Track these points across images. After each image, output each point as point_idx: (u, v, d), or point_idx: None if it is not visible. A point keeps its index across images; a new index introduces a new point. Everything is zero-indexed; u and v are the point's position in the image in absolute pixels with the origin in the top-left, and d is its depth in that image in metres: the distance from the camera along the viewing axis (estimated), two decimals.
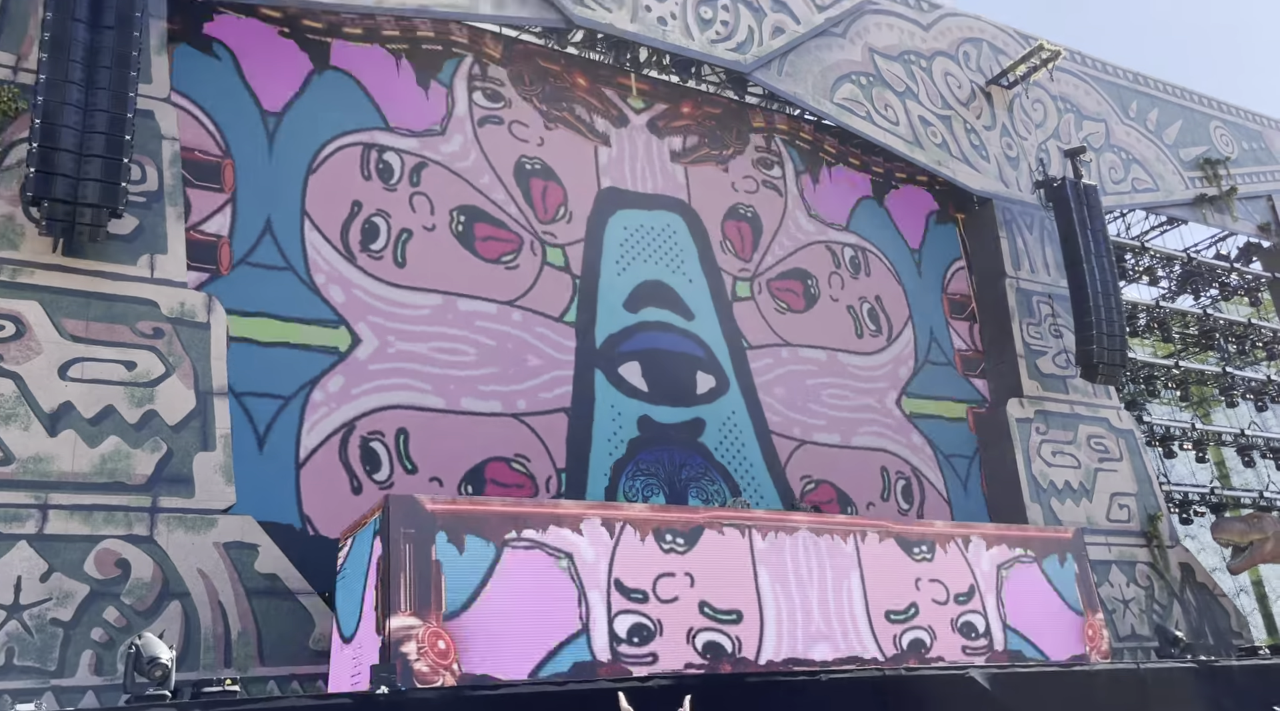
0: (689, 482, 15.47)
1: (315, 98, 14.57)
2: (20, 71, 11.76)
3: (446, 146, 15.49)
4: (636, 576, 10.82)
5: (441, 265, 14.72)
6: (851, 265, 18.99)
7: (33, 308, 11.01)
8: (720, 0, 17.55)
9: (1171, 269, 23.93)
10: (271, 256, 13.47)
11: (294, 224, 13.79)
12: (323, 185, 14.19)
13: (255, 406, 12.71)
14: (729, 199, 18.09)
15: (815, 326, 18.04)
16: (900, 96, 19.44)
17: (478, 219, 15.30)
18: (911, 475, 17.93)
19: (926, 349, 19.14)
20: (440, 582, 9.73)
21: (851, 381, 18.00)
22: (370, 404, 13.57)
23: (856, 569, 12.25)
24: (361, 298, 13.93)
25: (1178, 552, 18.90)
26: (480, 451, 14.09)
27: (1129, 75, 23.79)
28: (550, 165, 16.43)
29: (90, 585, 10.31)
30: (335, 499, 12.77)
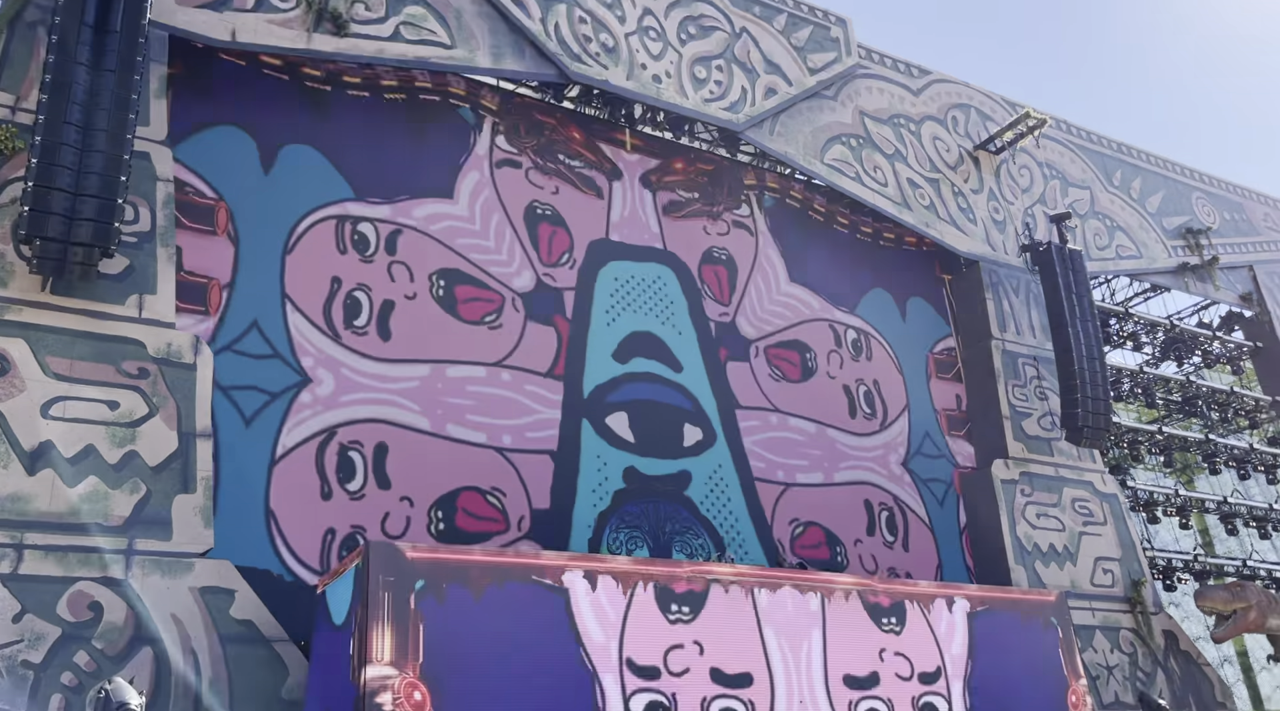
0: (673, 536, 15.39)
1: (283, 175, 14.38)
2: (18, 111, 11.86)
3: (420, 210, 15.39)
4: (648, 652, 10.70)
5: (426, 333, 14.63)
6: (854, 347, 19.14)
7: (18, 345, 10.97)
8: (714, 60, 17.90)
9: (1155, 335, 24.17)
10: (258, 345, 13.32)
11: (276, 309, 13.61)
12: (300, 265, 14.00)
13: (243, 399, 12.82)
14: (704, 245, 18.28)
15: (808, 399, 18.10)
16: (889, 158, 19.76)
17: (457, 281, 15.23)
18: (894, 505, 18.08)
19: (920, 442, 19.15)
20: (419, 632, 9.62)
21: (838, 457, 18.06)
22: (356, 413, 13.61)
23: (819, 629, 12.15)
24: (350, 377, 13.87)
25: (1161, 619, 18.82)
26: (457, 479, 14.04)
27: (1113, 145, 24.25)
28: (561, 213, 16.76)
29: (62, 627, 10.13)
30: (304, 500, 12.78)
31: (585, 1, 16.76)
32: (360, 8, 14.63)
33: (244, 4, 13.78)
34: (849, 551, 17.14)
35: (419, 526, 13.46)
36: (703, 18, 18.13)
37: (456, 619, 9.91)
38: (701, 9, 18.19)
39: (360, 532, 13.01)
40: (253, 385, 13.01)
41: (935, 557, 18.21)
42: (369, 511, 13.24)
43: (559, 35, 16.19)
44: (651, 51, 17.23)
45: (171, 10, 13.16)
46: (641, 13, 17.40)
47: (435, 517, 13.60)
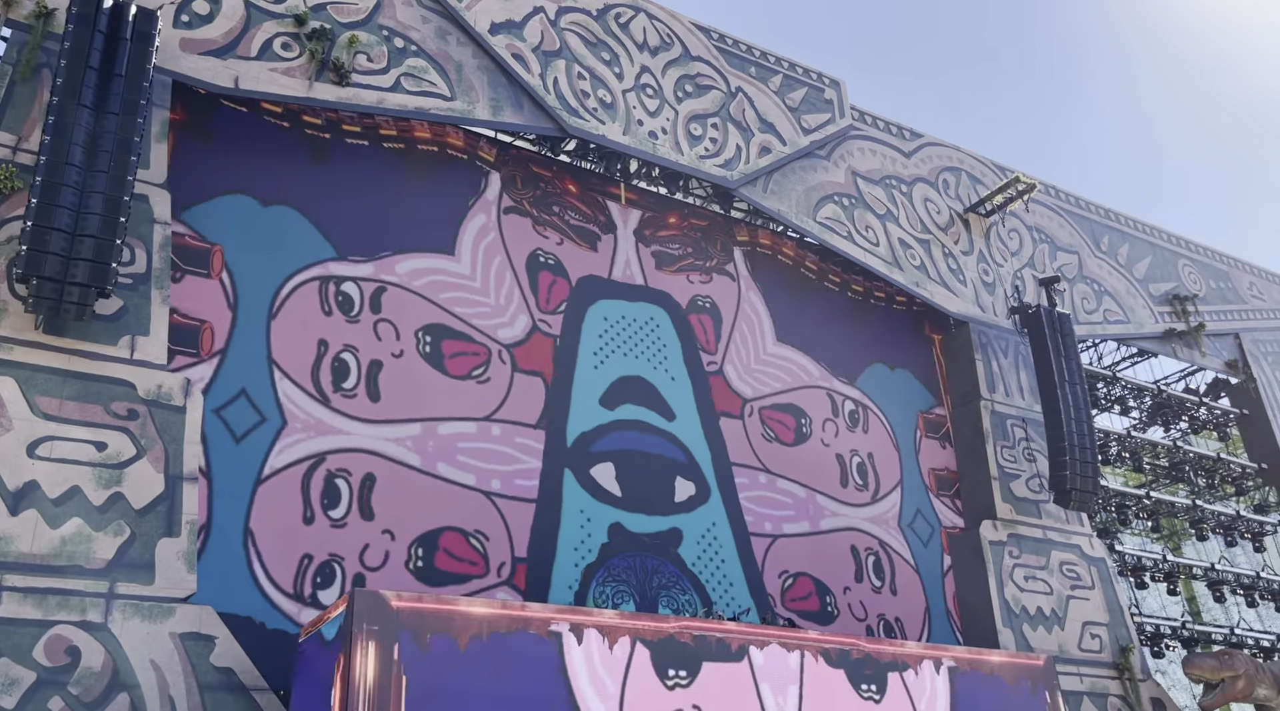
0: (660, 590, 15.23)
1: (266, 237, 14.27)
2: (19, 152, 11.94)
3: (403, 265, 15.34)
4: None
5: (415, 391, 14.56)
6: (850, 418, 19.19)
7: (7, 384, 10.92)
8: (710, 118, 18.19)
9: (1142, 400, 24.31)
10: (247, 416, 13.19)
11: (264, 376, 13.49)
12: (285, 329, 13.90)
13: (234, 416, 12.83)
14: (690, 291, 18.33)
15: (800, 463, 18.06)
16: (881, 219, 20.01)
17: (443, 336, 15.19)
18: (879, 549, 18.01)
19: (911, 518, 19.12)
20: (401, 683, 9.47)
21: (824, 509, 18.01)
22: (347, 442, 13.56)
23: (796, 685, 12.00)
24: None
25: (1149, 687, 18.66)
26: (442, 518, 13.94)
27: (1100, 210, 24.63)
28: (564, 263, 16.88)
29: (38, 672, 9.94)
30: (285, 523, 12.68)
31: (584, 58, 17.07)
32: (362, 58, 14.86)
33: (248, 52, 13.98)
34: (838, 600, 17.04)
35: (397, 561, 13.34)
36: (699, 76, 18.46)
37: (440, 669, 9.76)
38: (698, 68, 18.53)
39: (338, 561, 12.90)
40: (246, 406, 13.06)
41: (923, 600, 18.14)
42: (349, 541, 13.12)
43: (558, 90, 16.45)
44: (648, 108, 17.51)
45: (176, 56, 13.34)
46: (639, 70, 17.71)
47: (415, 554, 13.49)
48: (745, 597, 15.89)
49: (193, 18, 13.70)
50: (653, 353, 16.89)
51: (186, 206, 13.62)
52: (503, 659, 10.17)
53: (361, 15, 15.15)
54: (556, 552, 14.60)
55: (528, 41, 16.50)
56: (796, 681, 12.00)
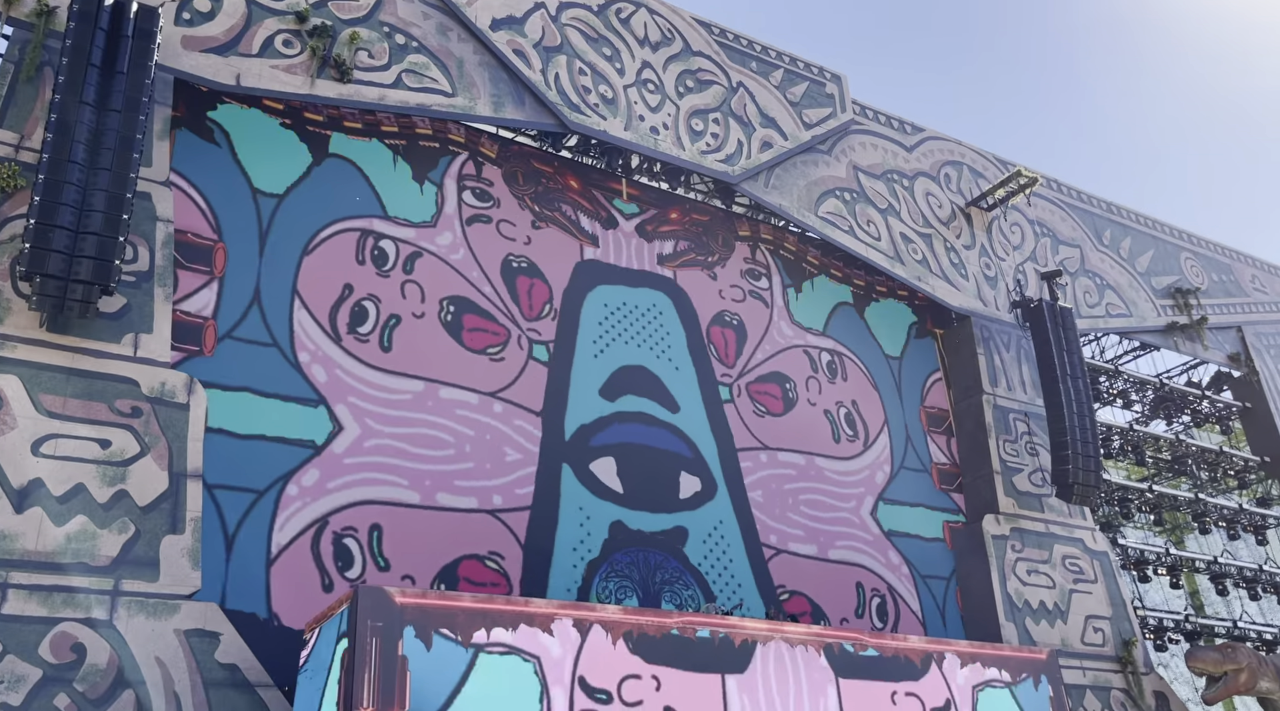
0: (663, 586, 15.24)
1: (318, 182, 14.81)
2: (22, 150, 11.95)
3: (442, 238, 15.72)
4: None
5: (427, 352, 14.76)
6: (829, 370, 19.17)
7: (11, 382, 10.95)
8: (711, 113, 18.18)
9: (1144, 393, 24.30)
10: (257, 332, 13.51)
11: (284, 302, 13.86)
12: (316, 266, 14.33)
13: (226, 500, 12.47)
14: (716, 305, 18.27)
15: (793, 430, 18.09)
16: (883, 213, 20.00)
17: (467, 310, 15.39)
18: (887, 593, 17.72)
19: (903, 454, 19.20)
20: (405, 679, 9.50)
21: (829, 486, 17.98)
22: (344, 499, 13.38)
23: (833, 684, 12.04)
24: (343, 378, 13.93)
25: (1152, 680, 18.69)
26: (454, 548, 13.88)
27: (1103, 204, 24.61)
28: (537, 263, 16.55)
29: (44, 669, 9.98)
30: (306, 596, 12.50)
31: (585, 53, 17.06)
32: (364, 55, 14.86)
33: (249, 49, 13.98)
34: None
35: None
36: (700, 72, 18.45)
37: (444, 665, 9.79)
38: (699, 63, 18.52)
39: None
40: (238, 485, 12.61)
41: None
42: None
43: (559, 86, 16.45)
44: (650, 103, 17.50)
45: (177, 53, 13.35)
46: (641, 65, 17.70)
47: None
48: (755, 601, 15.77)
49: (194, 15, 13.70)
50: (655, 340, 16.60)
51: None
52: (506, 654, 10.19)
53: (363, 12, 15.14)
54: (554, 552, 14.44)
55: (529, 37, 16.49)
56: (800, 678, 12.03)
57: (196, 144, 14.04)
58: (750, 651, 11.75)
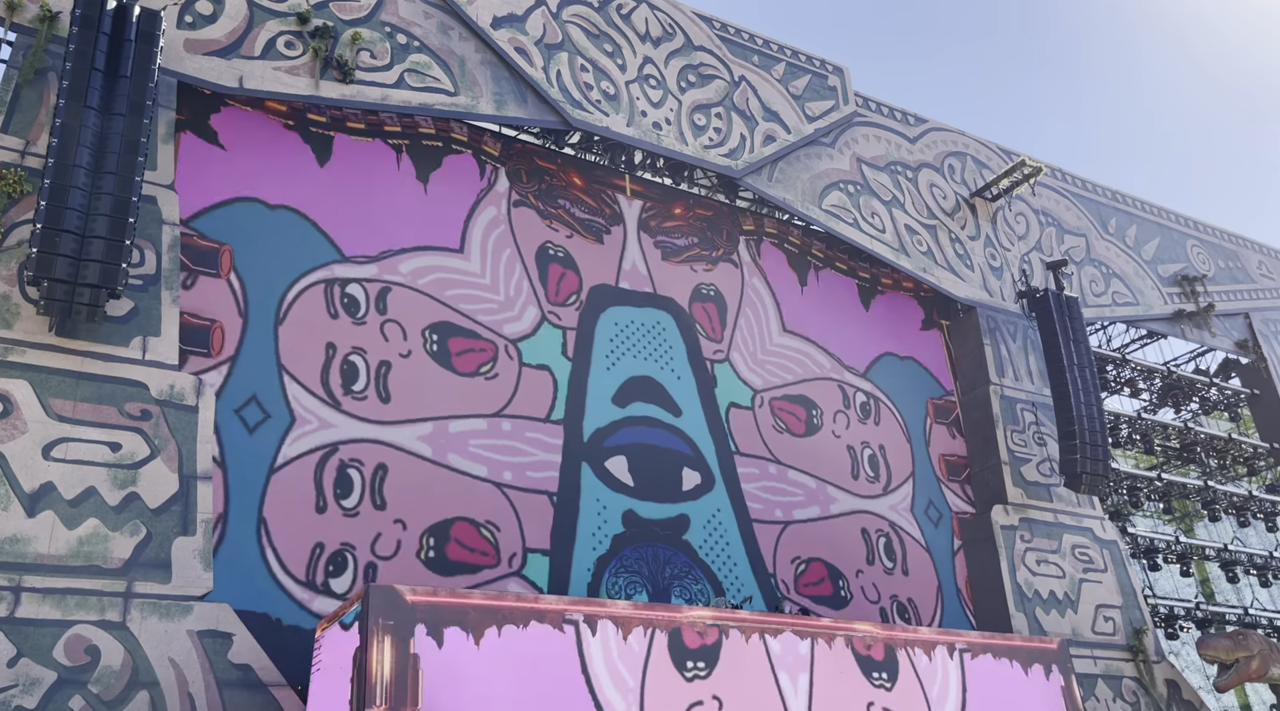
0: (672, 581, 15.31)
1: (271, 240, 14.23)
2: (27, 155, 12.00)
3: (406, 264, 15.28)
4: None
5: (425, 390, 14.58)
6: (862, 410, 19.18)
7: (21, 386, 11.00)
8: (714, 108, 18.16)
9: (1152, 382, 24.25)
10: (255, 416, 13.23)
11: (273, 381, 13.48)
12: (294, 333, 13.88)
13: (249, 410, 12.98)
14: (694, 279, 18.36)
15: (810, 454, 18.07)
16: (887, 205, 19.98)
17: (450, 334, 15.19)
18: (890, 530, 18.14)
19: (924, 508, 19.10)
20: (418, 676, 9.52)
21: (833, 508, 18.02)
22: (359, 432, 13.67)
23: (808, 673, 12.03)
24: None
25: (1164, 668, 18.68)
26: (453, 508, 14.06)
27: (1107, 193, 24.54)
28: (574, 256, 17.02)
29: (58, 672, 10.04)
30: (297, 510, 12.80)
31: (587, 50, 17.06)
32: (366, 55, 14.88)
33: (251, 52, 14.01)
34: (851, 583, 17.16)
35: (409, 550, 13.44)
36: (702, 66, 18.44)
37: (456, 662, 9.82)
38: (701, 58, 18.51)
39: (350, 550, 12.99)
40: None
41: (935, 579, 18.22)
42: (361, 530, 13.21)
43: (561, 83, 16.45)
44: (652, 99, 17.49)
45: (180, 57, 13.38)
46: (642, 61, 17.70)
47: (426, 543, 13.58)
48: (749, 579, 16.15)
49: (196, 18, 13.73)
50: (660, 354, 17.27)
51: (194, 215, 13.64)
52: (517, 651, 10.23)
53: (364, 12, 15.16)
54: (575, 544, 14.90)
55: (530, 35, 16.50)
56: (808, 669, 12.04)
57: (200, 147, 14.07)
58: (760, 644, 11.75)
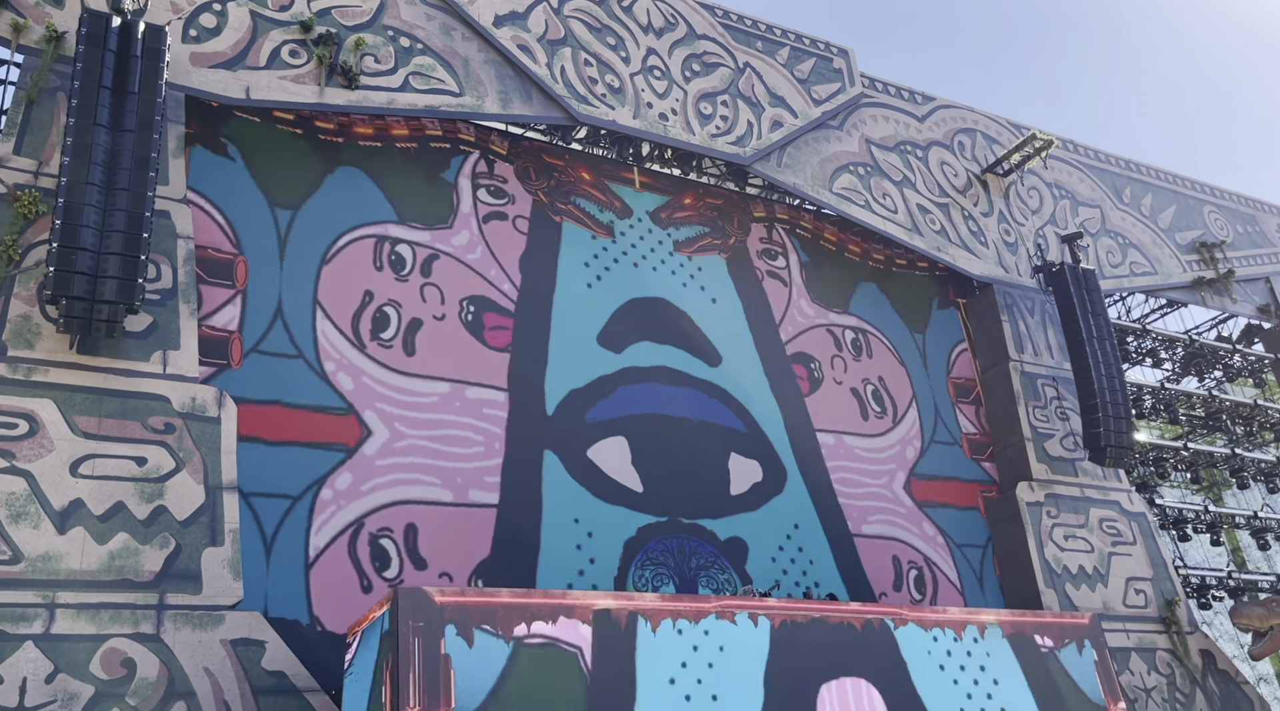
0: (699, 571, 15.24)
1: (331, 193, 14.85)
2: (41, 176, 12.10)
3: (457, 239, 15.75)
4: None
5: (450, 354, 14.80)
6: (853, 347, 19.08)
7: (46, 406, 11.11)
8: (719, 96, 18.10)
9: (1174, 351, 24.05)
10: (282, 344, 13.62)
11: (306, 313, 13.96)
12: (336, 276, 14.41)
13: (263, 507, 12.61)
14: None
15: (821, 410, 18.01)
16: (898, 185, 19.87)
17: (487, 309, 15.44)
18: (924, 565, 17.65)
19: (932, 429, 19.11)
20: (449, 677, 9.58)
21: (860, 464, 17.92)
22: (379, 500, 13.47)
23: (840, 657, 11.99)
24: (370, 385, 14.03)
25: (1197, 638, 18.56)
26: (490, 544, 13.94)
27: (1121, 162, 24.32)
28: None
29: (96, 686, 10.16)
30: (346, 598, 12.63)
31: (589, 44, 17.03)
32: (370, 60, 14.91)
33: (256, 62, 14.06)
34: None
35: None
36: (706, 54, 18.37)
37: (487, 661, 9.87)
38: (704, 46, 18.44)
39: None
40: (273, 492, 12.77)
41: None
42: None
43: (565, 78, 16.44)
44: (657, 90, 17.45)
45: (187, 71, 13.44)
46: (645, 53, 17.65)
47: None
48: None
49: (200, 31, 13.79)
50: (680, 262, 14.45)
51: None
52: (548, 647, 10.26)
53: (366, 17, 15.19)
54: (535, 585, 13.12)
55: (532, 32, 16.48)
56: (841, 652, 12.03)
57: (211, 160, 14.16)
58: (786, 630, 11.76)
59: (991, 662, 13.07)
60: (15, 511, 10.51)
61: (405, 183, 15.63)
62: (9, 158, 12.03)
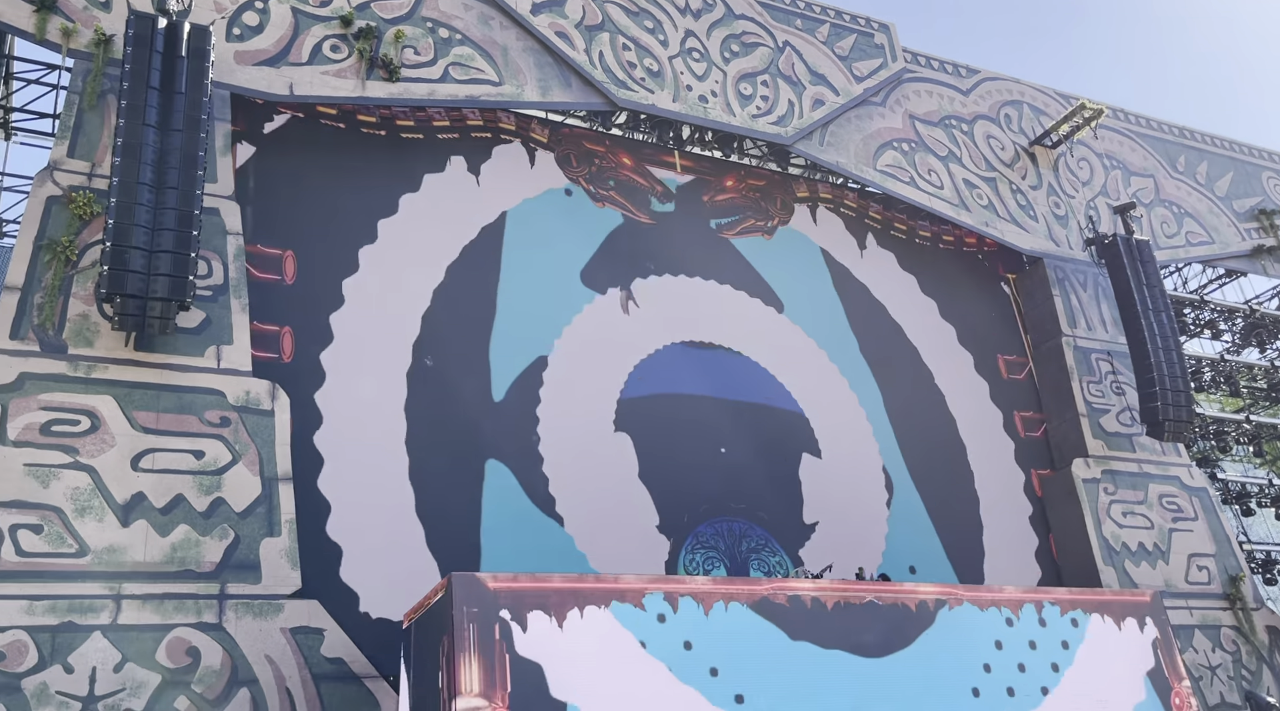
0: (750, 554, 15.23)
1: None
2: (94, 177, 12.35)
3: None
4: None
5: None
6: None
7: (107, 402, 11.38)
8: (759, 76, 17.94)
9: (1234, 322, 23.45)
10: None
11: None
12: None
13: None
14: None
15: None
16: (943, 161, 19.56)
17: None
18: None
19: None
20: (505, 662, 9.67)
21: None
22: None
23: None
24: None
25: (1263, 615, 18.13)
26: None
27: (1174, 130, 23.70)
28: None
29: (162, 674, 10.42)
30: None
31: (628, 29, 16.95)
32: (410, 52, 14.99)
33: (299, 58, 14.21)
34: None
35: None
36: (745, 35, 18.21)
37: (541, 645, 9.95)
38: (743, 26, 18.27)
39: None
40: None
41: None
42: None
43: (604, 64, 16.39)
44: (696, 72, 17.34)
45: (231, 69, 13.62)
46: (684, 35, 17.54)
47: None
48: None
49: (244, 30, 13.96)
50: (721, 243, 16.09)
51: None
52: (601, 631, 10.32)
53: (404, 9, 15.27)
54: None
55: (570, 18, 16.45)
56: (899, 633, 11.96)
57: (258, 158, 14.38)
58: (837, 611, 11.69)
59: (1049, 641, 12.90)
60: (80, 505, 10.79)
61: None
62: (63, 161, 12.30)
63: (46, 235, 11.82)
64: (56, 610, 10.27)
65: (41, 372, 11.22)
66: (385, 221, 14.97)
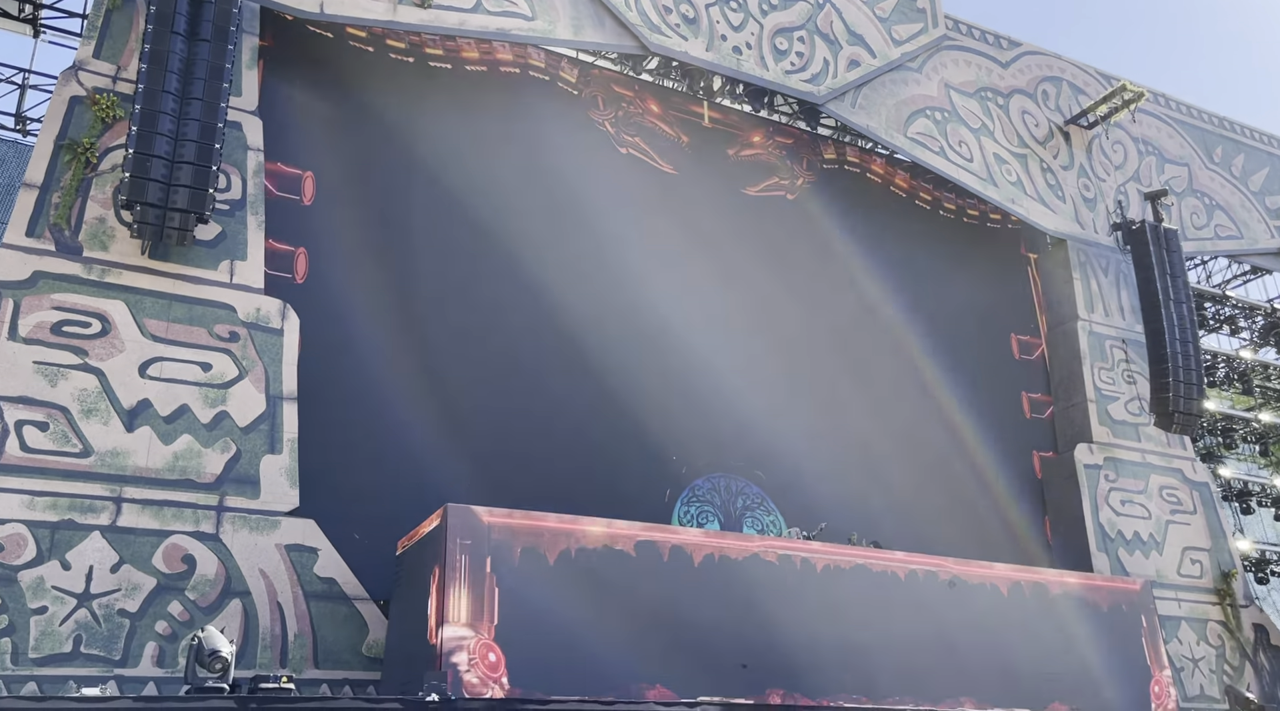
0: (744, 512, 15.33)
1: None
2: (119, 81, 12.29)
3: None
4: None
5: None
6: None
7: (119, 307, 11.42)
8: (796, 32, 17.63)
9: (1254, 320, 23.22)
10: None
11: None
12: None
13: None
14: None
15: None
16: (975, 133, 19.28)
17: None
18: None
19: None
20: (494, 595, 9.78)
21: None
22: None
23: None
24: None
25: (1252, 612, 18.19)
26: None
27: (1214, 119, 23.27)
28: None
29: (158, 578, 10.58)
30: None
31: None
32: None
33: None
34: None
35: None
36: None
37: (530, 582, 10.05)
38: None
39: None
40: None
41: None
42: None
43: (639, 6, 16.13)
44: (732, 23, 17.06)
45: None
46: None
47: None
48: None
49: None
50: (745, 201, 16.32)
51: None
52: (590, 573, 10.41)
53: None
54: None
55: None
56: (883, 601, 12.03)
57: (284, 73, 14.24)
58: (830, 574, 11.77)
59: (1036, 620, 12.97)
60: (87, 407, 10.89)
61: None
62: (89, 61, 12.22)
63: (68, 135, 11.79)
64: (57, 507, 10.41)
65: (56, 272, 11.26)
66: (408, 149, 14.89)
